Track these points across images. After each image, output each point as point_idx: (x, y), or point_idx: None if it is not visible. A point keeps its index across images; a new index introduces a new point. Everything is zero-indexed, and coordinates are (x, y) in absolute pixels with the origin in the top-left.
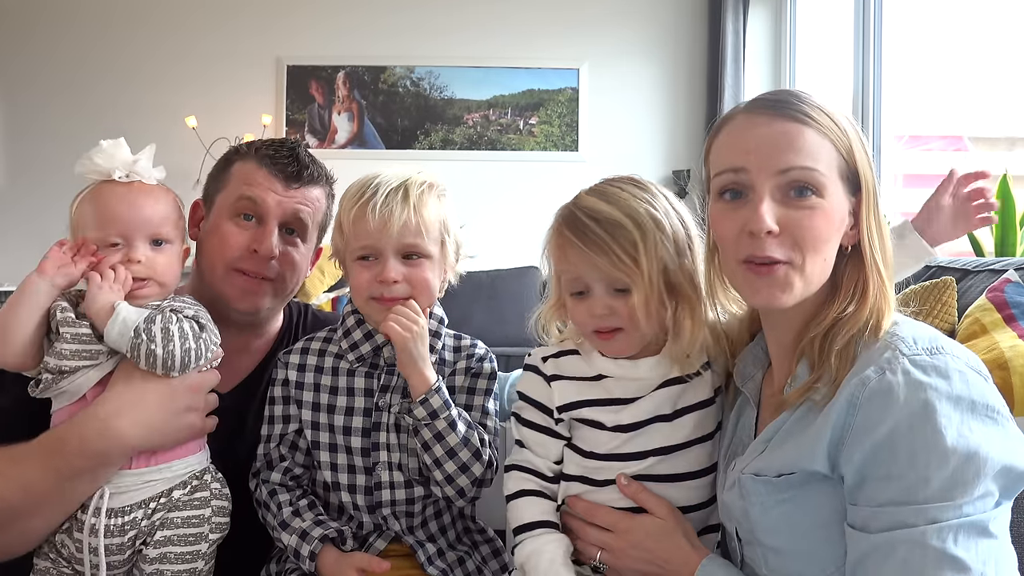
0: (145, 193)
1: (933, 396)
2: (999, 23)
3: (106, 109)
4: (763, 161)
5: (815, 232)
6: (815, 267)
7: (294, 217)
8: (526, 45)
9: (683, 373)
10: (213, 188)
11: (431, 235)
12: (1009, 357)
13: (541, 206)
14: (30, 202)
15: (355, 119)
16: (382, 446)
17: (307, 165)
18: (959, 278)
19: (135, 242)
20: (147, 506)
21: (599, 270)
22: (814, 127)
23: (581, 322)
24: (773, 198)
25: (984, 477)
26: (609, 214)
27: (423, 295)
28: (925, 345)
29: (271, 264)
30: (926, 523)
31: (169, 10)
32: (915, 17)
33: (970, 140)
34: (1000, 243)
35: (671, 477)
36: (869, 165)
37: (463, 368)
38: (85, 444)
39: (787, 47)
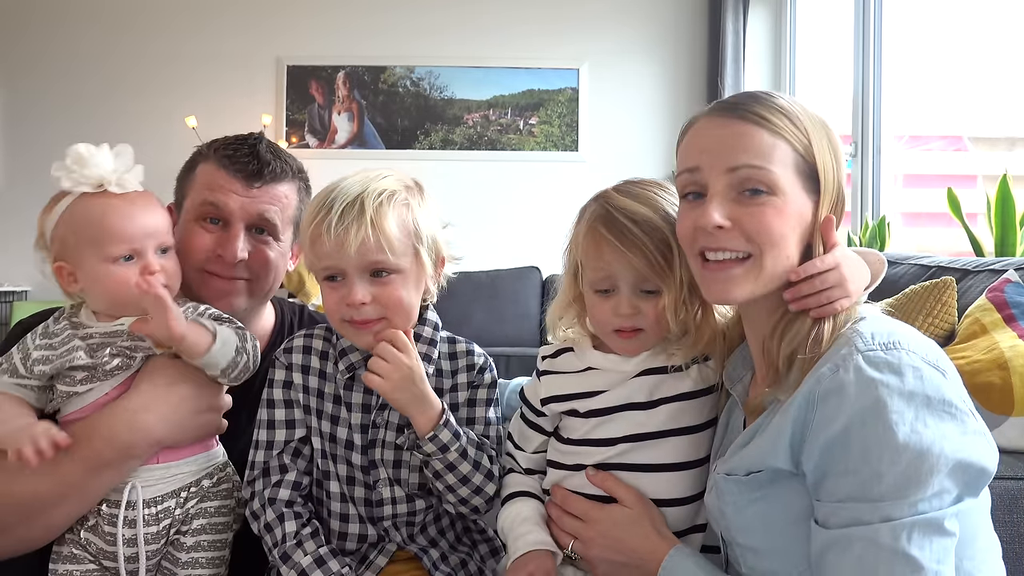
0: (143, 204)
1: (884, 393)
2: (999, 23)
3: (106, 109)
4: (714, 160)
5: (767, 227)
6: (774, 261)
7: (260, 218)
8: (526, 45)
9: (666, 364)
10: (181, 192)
11: (396, 249)
12: (1009, 357)
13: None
14: (30, 202)
15: (355, 119)
16: (379, 463)
17: (268, 162)
18: (959, 278)
19: (148, 254)
20: (179, 495)
21: (633, 270)
22: (766, 127)
23: (603, 320)
24: (726, 196)
25: (938, 474)
26: (646, 216)
27: (397, 315)
28: (882, 340)
29: (240, 266)
30: (880, 520)
31: (169, 11)
32: (915, 17)
33: (970, 140)
34: (1000, 243)
35: (644, 467)
36: (833, 167)
37: (464, 383)
38: (114, 435)
39: (787, 47)
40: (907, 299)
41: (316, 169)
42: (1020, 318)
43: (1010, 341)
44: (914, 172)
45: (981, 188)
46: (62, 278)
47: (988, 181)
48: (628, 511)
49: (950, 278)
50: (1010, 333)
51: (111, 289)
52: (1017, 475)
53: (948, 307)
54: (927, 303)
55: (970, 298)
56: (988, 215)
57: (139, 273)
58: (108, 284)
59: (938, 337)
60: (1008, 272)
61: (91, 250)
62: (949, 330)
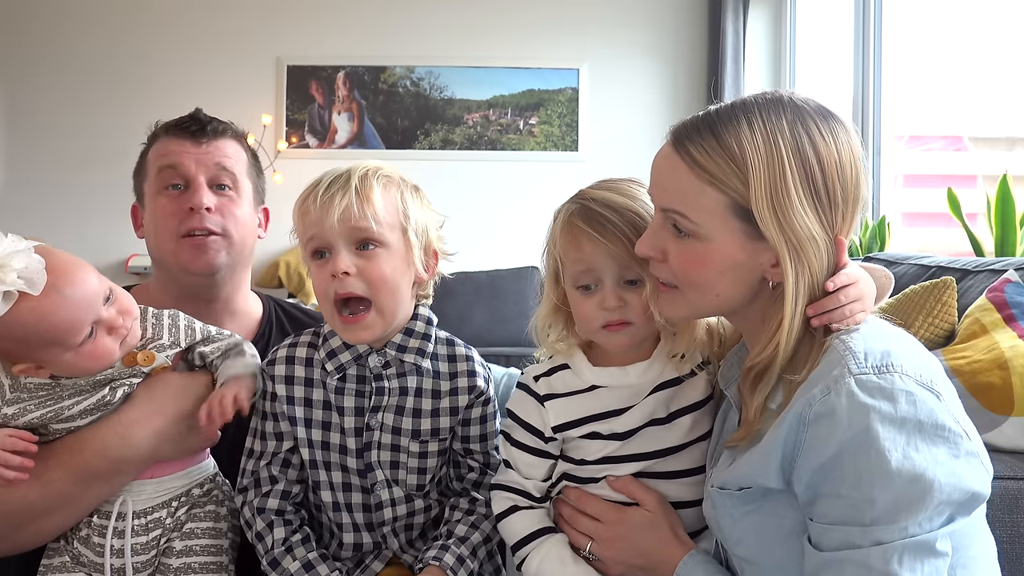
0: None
1: (876, 420)
2: (999, 23)
3: (106, 109)
4: (654, 192)
5: (691, 272)
6: (699, 297)
7: (219, 169)
8: (526, 45)
9: (677, 374)
10: (139, 183)
11: (380, 220)
12: (1009, 357)
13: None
14: (30, 203)
15: (355, 119)
16: (376, 465)
17: (208, 120)
18: (959, 278)
19: (101, 317)
20: (170, 505)
21: (614, 260)
22: (694, 169)
23: (589, 317)
24: (664, 228)
25: (930, 498)
26: (625, 204)
27: (381, 291)
28: (875, 362)
29: (211, 218)
30: (871, 544)
31: (168, 9)
32: (915, 17)
33: (970, 140)
34: (1000, 243)
35: (667, 475)
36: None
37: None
38: (106, 448)
39: (787, 47)
40: (907, 299)
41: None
42: (1020, 318)
43: (1010, 341)
44: (914, 172)
45: (981, 188)
46: (31, 373)
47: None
48: (649, 515)
49: (950, 278)
50: (1010, 333)
51: (92, 364)
52: (1017, 475)
53: (948, 307)
54: (927, 303)
55: (970, 298)
56: (988, 215)
57: (107, 334)
58: (86, 363)
59: (938, 337)
60: (1008, 272)
61: (50, 348)
62: (949, 330)
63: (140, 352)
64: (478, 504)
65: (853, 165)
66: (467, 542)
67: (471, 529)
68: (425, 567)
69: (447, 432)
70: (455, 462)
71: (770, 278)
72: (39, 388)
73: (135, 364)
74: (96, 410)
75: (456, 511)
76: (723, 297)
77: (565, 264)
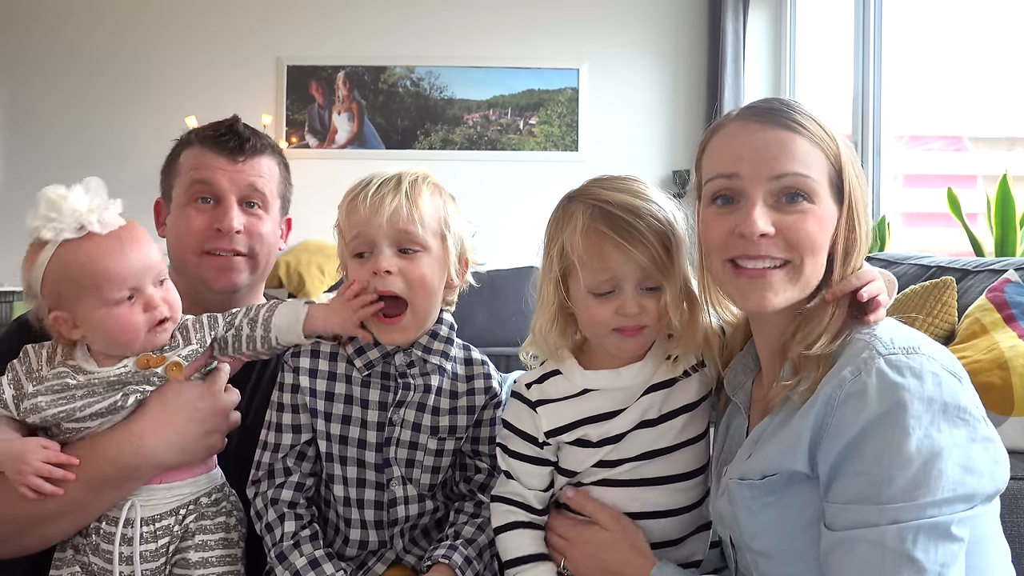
0: (132, 239)
1: (906, 396)
2: (999, 23)
3: (107, 110)
4: (756, 167)
5: (810, 235)
6: (812, 269)
7: (250, 189)
8: (526, 45)
9: (671, 375)
10: (167, 183)
11: (426, 225)
12: (1009, 357)
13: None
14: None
15: (355, 119)
16: (394, 461)
17: (248, 137)
18: (959, 278)
19: (147, 290)
20: (178, 513)
21: (639, 268)
22: (805, 135)
23: (601, 322)
24: (765, 203)
25: (948, 479)
26: (647, 209)
27: (419, 293)
28: (902, 344)
29: (238, 238)
30: (887, 523)
31: (168, 10)
32: (915, 17)
33: (970, 140)
34: (1000, 243)
35: (656, 480)
36: (856, 178)
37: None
38: (119, 456)
39: (787, 47)
40: (907, 299)
41: (316, 169)
42: (1020, 318)
43: (1010, 341)
44: (914, 172)
45: (981, 188)
46: (62, 327)
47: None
48: (607, 533)
49: (950, 278)
50: (1010, 333)
51: (116, 332)
52: (1017, 475)
53: (948, 307)
54: (927, 303)
55: (970, 298)
56: (988, 215)
57: (143, 310)
58: (112, 328)
59: (938, 337)
60: (1008, 272)
61: (89, 297)
62: (949, 330)
63: (154, 356)
64: (484, 508)
65: None
66: (474, 544)
67: (478, 531)
68: (434, 564)
69: (463, 431)
70: (463, 464)
71: (833, 249)
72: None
73: (148, 367)
74: (107, 413)
75: (462, 514)
76: (822, 264)
77: (584, 270)
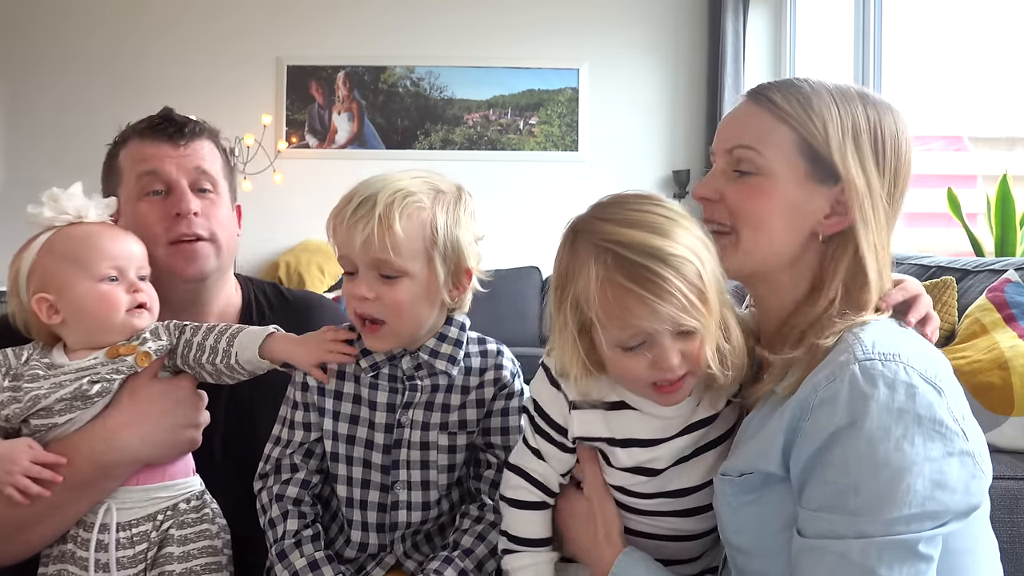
0: (121, 231)
1: (873, 407)
2: (999, 23)
3: (107, 109)
4: (720, 139)
5: (748, 208)
6: (754, 242)
7: (198, 173)
8: (526, 45)
9: (713, 412)
10: (110, 186)
11: (402, 251)
12: (1009, 357)
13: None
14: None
15: (355, 119)
16: (402, 464)
17: (184, 122)
18: (959, 278)
19: (131, 275)
20: (155, 518)
21: (670, 319)
22: (771, 110)
23: (636, 377)
24: (724, 173)
25: (918, 495)
26: (671, 251)
27: (397, 318)
28: (882, 350)
29: (198, 222)
30: (854, 536)
31: (168, 9)
32: (915, 17)
33: (970, 140)
34: (1000, 243)
35: (683, 512)
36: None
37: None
38: (94, 454)
39: (787, 47)
40: None
41: (316, 169)
42: (1020, 318)
43: (1010, 341)
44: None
45: (981, 188)
46: (41, 311)
47: (988, 181)
48: (585, 505)
49: (950, 278)
50: (1010, 333)
51: (98, 309)
52: (1017, 475)
53: (948, 307)
54: None
55: (970, 298)
56: (988, 215)
57: (126, 291)
58: (94, 304)
59: (938, 337)
60: (1008, 272)
61: (77, 271)
62: (949, 330)
63: (124, 345)
64: (487, 510)
65: (909, 147)
66: (472, 555)
67: (477, 541)
68: None
69: (474, 424)
70: (476, 460)
71: (821, 231)
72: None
73: (118, 356)
74: (73, 401)
75: (465, 519)
76: (775, 242)
77: (605, 328)
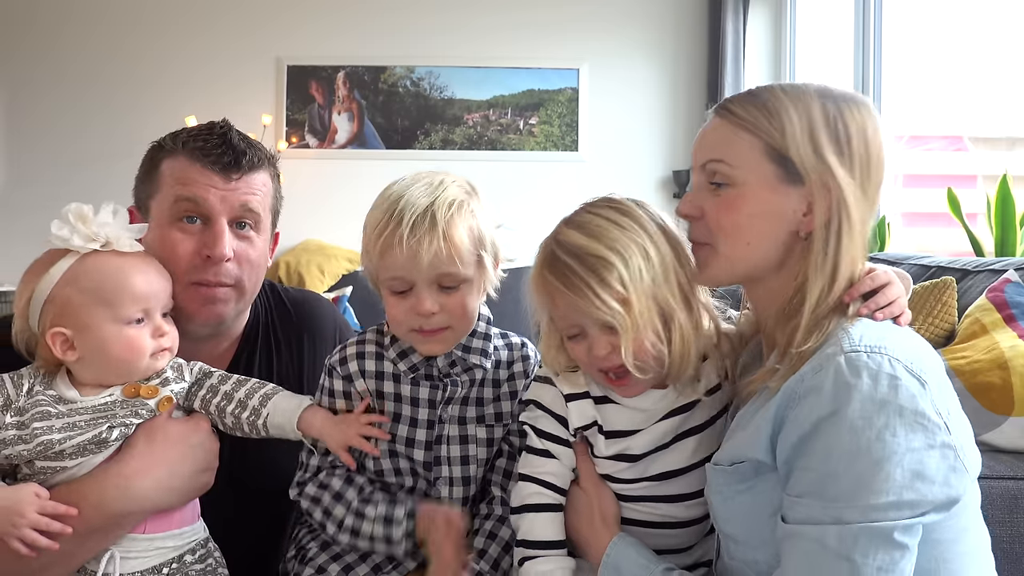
0: (151, 264)
1: (856, 396)
2: (999, 23)
3: (105, 108)
4: (695, 156)
5: (723, 219)
6: (733, 251)
7: (244, 209)
8: (526, 45)
9: (686, 401)
10: (144, 193)
11: (465, 260)
12: (1009, 357)
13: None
14: (31, 203)
15: (355, 119)
16: (443, 460)
17: (244, 151)
18: (959, 278)
19: (156, 317)
20: (160, 571)
21: (585, 312)
22: (731, 120)
23: (584, 363)
24: (702, 188)
25: (895, 483)
26: (589, 248)
27: (462, 322)
28: (868, 343)
29: (227, 268)
30: (830, 521)
31: (168, 9)
32: (915, 17)
33: (970, 140)
34: (1000, 243)
35: (667, 498)
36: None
37: (521, 371)
38: (104, 502)
39: (787, 47)
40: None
41: (316, 169)
42: (1020, 318)
43: (1010, 341)
44: (914, 172)
45: (981, 188)
46: (55, 344)
47: (988, 181)
48: (582, 496)
49: (950, 278)
50: (1010, 333)
51: (122, 352)
52: (1017, 475)
53: (948, 307)
54: (927, 303)
55: (970, 298)
56: (988, 215)
57: (151, 335)
58: (119, 348)
59: (938, 337)
60: (1008, 272)
61: (102, 310)
62: (949, 330)
63: (144, 385)
64: (495, 504)
65: (877, 137)
66: (486, 556)
67: (488, 540)
68: None
69: (509, 417)
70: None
71: (802, 230)
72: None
73: (137, 396)
74: (89, 447)
75: (477, 518)
76: (754, 247)
77: (552, 317)
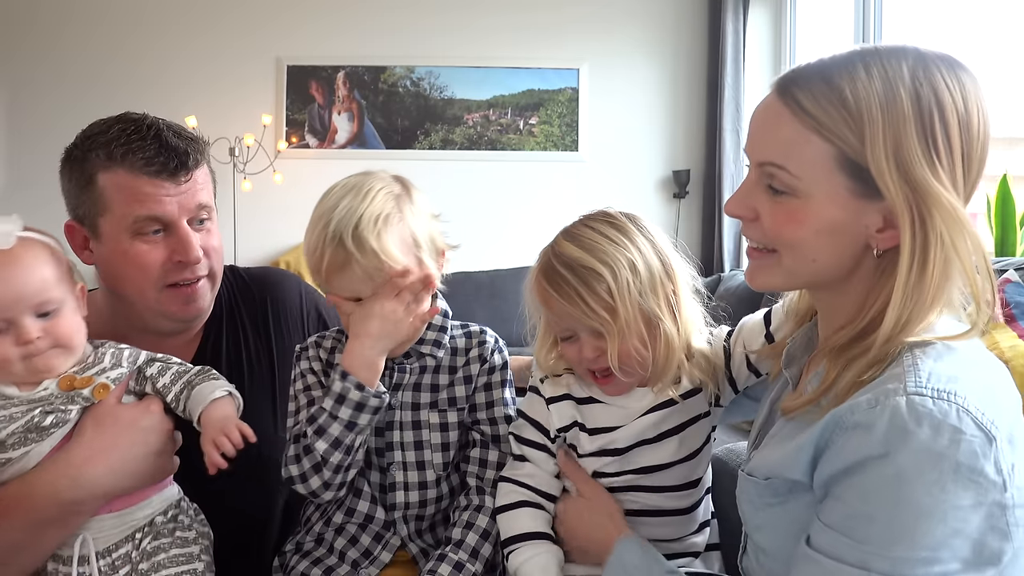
0: (10, 262)
1: (912, 446)
2: (999, 23)
3: (107, 109)
4: (750, 146)
5: (785, 232)
6: (795, 264)
7: (199, 208)
8: (526, 45)
9: (664, 399)
10: (87, 210)
11: (399, 264)
12: (1009, 357)
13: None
14: (31, 203)
15: (355, 119)
16: (396, 445)
17: (185, 150)
18: None
19: (22, 321)
20: (134, 538)
21: (575, 318)
22: (800, 116)
23: (575, 363)
24: (757, 186)
25: (934, 540)
26: (582, 260)
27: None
28: (937, 385)
29: (200, 263)
30: (855, 564)
31: (168, 9)
32: (915, 17)
33: None
34: (1000, 243)
35: (655, 488)
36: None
37: (476, 356)
38: (56, 492)
39: (787, 47)
40: None
41: (316, 169)
42: (1020, 318)
43: (1010, 341)
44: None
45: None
46: None
47: (988, 181)
48: (587, 502)
49: None
50: (1010, 333)
51: None
52: None
53: None
54: None
55: None
56: (988, 215)
57: (14, 344)
58: None
59: None
60: (1008, 272)
61: None
62: None
63: (78, 377)
64: (472, 494)
65: (981, 120)
66: (463, 545)
67: (465, 530)
68: None
69: (463, 401)
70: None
71: (875, 245)
72: None
73: (72, 388)
74: (27, 434)
75: (456, 511)
76: (820, 263)
77: (548, 320)
